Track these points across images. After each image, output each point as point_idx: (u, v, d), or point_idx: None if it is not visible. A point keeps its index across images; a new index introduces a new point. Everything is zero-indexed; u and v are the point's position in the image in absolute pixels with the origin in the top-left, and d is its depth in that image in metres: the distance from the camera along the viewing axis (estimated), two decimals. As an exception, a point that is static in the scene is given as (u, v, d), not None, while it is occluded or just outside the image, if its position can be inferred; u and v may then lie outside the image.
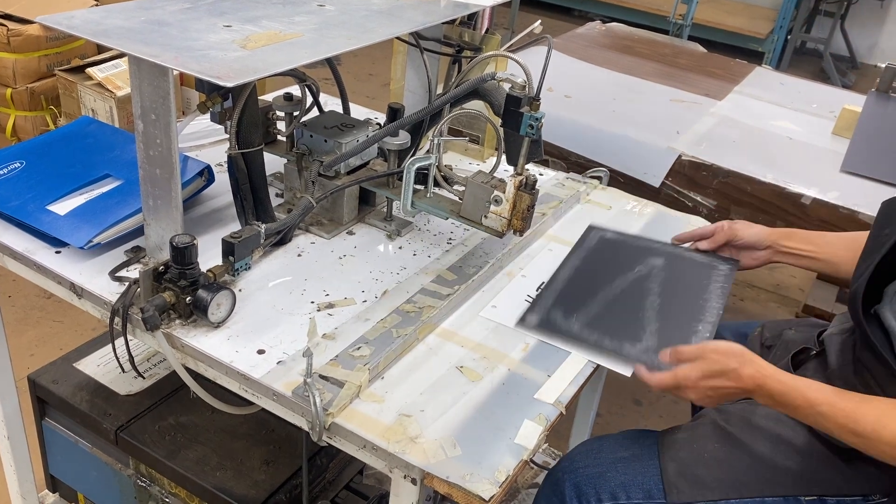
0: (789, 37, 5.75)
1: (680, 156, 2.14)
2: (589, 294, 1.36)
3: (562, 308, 1.32)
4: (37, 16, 1.13)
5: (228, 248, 1.25)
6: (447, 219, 1.37)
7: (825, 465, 1.21)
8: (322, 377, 1.11)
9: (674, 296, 1.38)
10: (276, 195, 1.55)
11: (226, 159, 1.34)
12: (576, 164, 2.17)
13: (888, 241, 1.19)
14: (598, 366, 1.24)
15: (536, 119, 1.23)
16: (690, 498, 1.21)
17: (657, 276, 1.43)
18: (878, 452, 1.09)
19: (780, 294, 3.31)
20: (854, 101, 2.46)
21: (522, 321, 1.30)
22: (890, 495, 1.19)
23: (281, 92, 1.54)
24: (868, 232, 1.31)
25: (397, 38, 1.60)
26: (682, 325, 1.31)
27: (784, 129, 2.40)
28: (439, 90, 1.66)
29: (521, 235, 1.34)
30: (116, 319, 1.19)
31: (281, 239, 1.39)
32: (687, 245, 1.54)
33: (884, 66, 2.45)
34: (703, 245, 1.52)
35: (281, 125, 1.54)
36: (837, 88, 3.22)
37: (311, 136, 1.45)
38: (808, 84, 2.92)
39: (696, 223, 1.70)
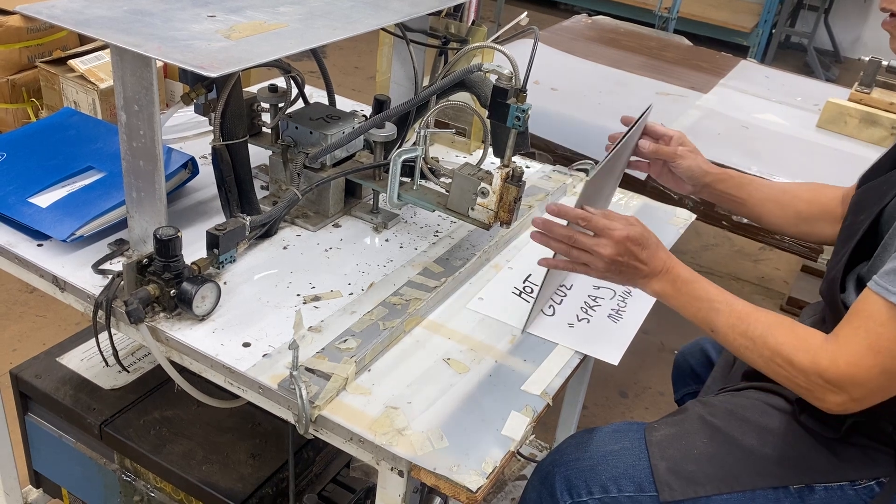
0: (774, 31, 5.77)
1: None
2: None
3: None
4: (17, 6, 1.12)
5: (213, 241, 1.24)
6: (434, 211, 1.37)
7: (812, 453, 1.22)
8: (308, 370, 1.10)
9: None
10: (261, 187, 1.54)
11: (210, 151, 1.33)
12: (562, 156, 2.17)
13: (861, 228, 1.20)
14: (585, 357, 1.24)
15: (523, 110, 1.23)
16: (683, 495, 1.21)
17: None
18: (757, 357, 1.12)
19: (764, 286, 3.33)
20: (838, 95, 2.48)
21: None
22: (877, 479, 1.19)
23: (266, 83, 1.53)
24: (792, 183, 1.51)
25: (383, 29, 1.59)
26: None
27: (769, 122, 2.41)
28: (425, 82, 1.65)
29: (507, 227, 1.34)
30: (100, 313, 1.18)
31: (266, 231, 1.39)
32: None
33: (867, 59, 2.46)
34: (643, 141, 1.47)
35: (266, 117, 1.53)
36: (821, 82, 3.24)
37: (297, 127, 1.44)
38: (793, 77, 2.94)
39: (682, 215, 1.71)
